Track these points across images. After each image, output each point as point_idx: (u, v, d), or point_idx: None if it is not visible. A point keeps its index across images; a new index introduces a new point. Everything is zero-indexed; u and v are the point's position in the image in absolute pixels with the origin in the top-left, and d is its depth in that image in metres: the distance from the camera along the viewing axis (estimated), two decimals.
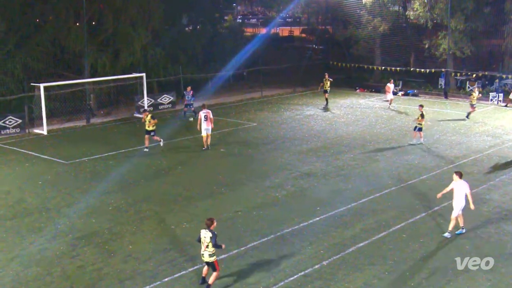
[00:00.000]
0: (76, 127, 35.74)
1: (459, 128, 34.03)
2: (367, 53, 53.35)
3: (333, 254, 16.87)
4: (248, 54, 50.80)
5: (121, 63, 40.53)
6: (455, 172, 18.35)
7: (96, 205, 21.20)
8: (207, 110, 28.96)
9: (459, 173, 18.32)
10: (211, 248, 14.47)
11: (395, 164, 26.58)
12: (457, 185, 18.08)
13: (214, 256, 14.59)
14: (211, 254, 14.53)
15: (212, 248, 14.49)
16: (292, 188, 23.03)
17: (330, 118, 37.59)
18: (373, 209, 20.66)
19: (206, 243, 14.49)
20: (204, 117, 28.65)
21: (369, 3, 50.53)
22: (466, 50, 45.98)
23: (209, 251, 14.50)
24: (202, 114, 28.71)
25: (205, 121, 28.70)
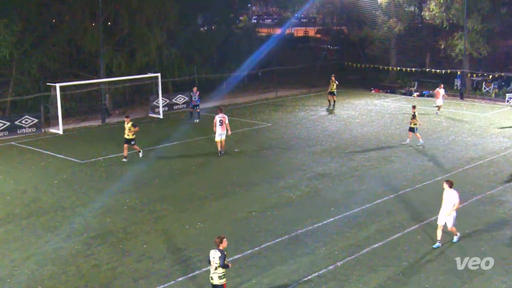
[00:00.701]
0: (92, 126, 35.94)
1: (474, 130, 33.81)
2: (382, 53, 53.18)
3: (347, 255, 16.82)
4: (263, 55, 50.83)
5: (136, 63, 40.67)
6: (445, 181, 17.44)
7: (111, 205, 21.30)
8: (223, 115, 28.03)
9: (449, 182, 17.40)
10: (220, 269, 13.32)
11: (410, 165, 26.46)
12: (448, 194, 17.25)
13: (224, 279, 13.42)
14: (220, 276, 13.35)
15: (222, 270, 13.33)
16: (306, 189, 23.00)
17: (344, 118, 37.50)
18: (388, 210, 20.58)
19: (215, 264, 13.30)
20: (219, 122, 27.83)
21: (385, 3, 50.35)
22: (483, 51, 45.65)
23: (219, 273, 13.34)
24: (218, 119, 27.88)
25: (220, 125, 27.86)
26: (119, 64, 39.67)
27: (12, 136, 32.49)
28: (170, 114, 39.55)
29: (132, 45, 41.19)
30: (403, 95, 47.93)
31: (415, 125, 29.97)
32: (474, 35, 45.43)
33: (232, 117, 37.75)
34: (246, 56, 49.34)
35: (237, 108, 41.91)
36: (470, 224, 19.20)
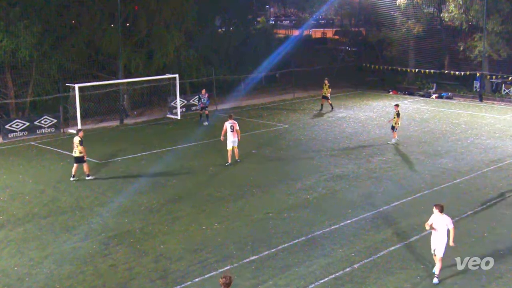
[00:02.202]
0: (110, 127, 36.15)
1: (494, 132, 33.53)
2: (400, 55, 52.95)
3: (364, 257, 16.76)
4: (280, 56, 50.80)
5: (154, 64, 40.82)
6: (434, 205, 15.38)
7: (129, 205, 21.41)
8: (233, 121, 26.74)
9: (439, 206, 15.35)
10: None
11: (428, 167, 26.30)
12: (438, 220, 15.32)
13: None
14: None
15: None
16: (323, 191, 22.95)
17: (362, 120, 37.37)
18: (406, 212, 20.48)
19: None
20: (230, 128, 26.53)
21: (403, 4, 50.11)
22: (502, 53, 45.30)
23: None
24: (228, 125, 26.55)
25: (231, 132, 26.55)
26: (137, 65, 39.82)
27: (31, 136, 32.80)
28: (187, 115, 39.67)
29: (150, 46, 41.36)
30: (421, 97, 47.71)
31: (396, 124, 30.43)
32: (494, 37, 45.09)
33: (250, 118, 37.87)
34: (263, 58, 49.33)
35: (255, 109, 41.93)
36: (489, 227, 19.05)
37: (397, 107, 30.96)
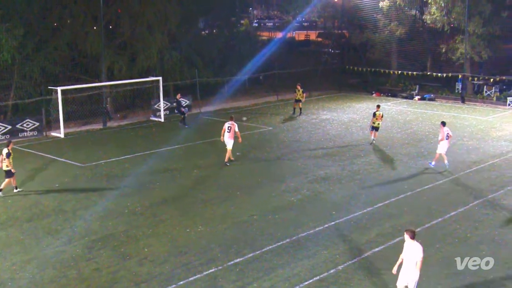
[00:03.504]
0: (93, 130, 35.96)
1: (476, 133, 33.80)
2: (383, 57, 53.22)
3: (348, 258, 16.81)
4: (264, 58, 50.84)
5: (137, 66, 40.72)
6: (406, 231, 13.94)
7: (112, 208, 21.30)
8: (232, 122, 27.27)
9: (410, 231, 13.79)
10: None
11: (411, 168, 26.46)
12: (409, 247, 13.75)
13: None
14: None
15: None
16: (307, 192, 23.00)
17: (346, 122, 37.51)
18: (389, 213, 20.57)
19: None
20: (227, 128, 27.13)
21: (386, 7, 50.35)
22: (484, 55, 45.70)
23: None
24: (226, 125, 27.23)
25: (228, 132, 27.08)
26: (121, 67, 39.71)
27: (13, 139, 32.41)
28: (171, 117, 39.57)
29: (133, 49, 41.25)
30: (404, 99, 47.96)
31: (374, 124, 30.91)
32: (475, 39, 45.48)
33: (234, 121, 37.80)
34: (247, 60, 49.36)
35: (238, 111, 41.92)
36: (472, 227, 19.20)
37: (378, 108, 31.49)
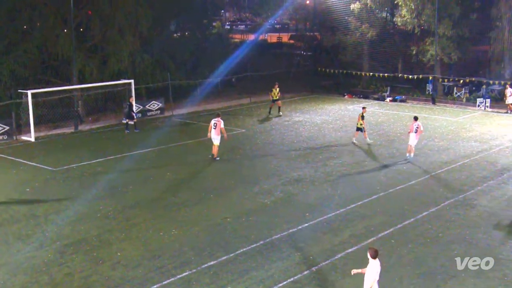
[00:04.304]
0: (64, 133, 35.59)
1: (446, 134, 34.19)
2: (355, 59, 53.55)
3: (322, 260, 16.87)
4: (236, 61, 50.84)
5: (109, 69, 40.44)
6: (369, 249, 13.35)
7: (85, 212, 21.11)
8: (218, 119, 28.09)
9: (372, 250, 13.17)
10: None
11: (383, 169, 26.67)
12: (369, 266, 13.23)
13: None
14: None
15: None
16: (281, 194, 23.04)
17: (318, 124, 37.67)
18: (362, 214, 20.70)
19: None
20: (213, 125, 27.94)
21: (357, 9, 50.70)
22: (453, 56, 46.26)
23: None
24: (212, 122, 28.12)
25: (214, 129, 27.89)
26: (92, 70, 39.40)
27: None
28: (143, 120, 39.34)
29: (104, 52, 40.95)
30: (376, 100, 48.32)
31: (361, 126, 31.22)
32: (445, 41, 46.02)
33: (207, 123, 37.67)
34: (220, 62, 49.33)
35: (211, 114, 41.75)
36: (443, 227, 19.41)
37: (364, 110, 31.80)
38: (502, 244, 18.06)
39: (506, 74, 44.87)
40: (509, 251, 17.45)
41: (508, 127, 36.20)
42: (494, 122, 38.06)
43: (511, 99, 41.02)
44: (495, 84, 45.20)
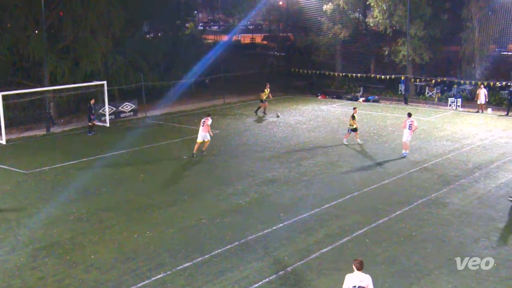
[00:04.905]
0: (36, 136, 35.17)
1: (419, 134, 34.47)
2: (328, 59, 53.77)
3: (297, 260, 16.91)
4: (210, 61, 50.73)
5: (81, 71, 40.05)
6: (354, 261, 12.65)
7: (57, 215, 20.89)
8: (206, 118, 29.53)
9: (358, 262, 12.52)
10: None
11: (357, 169, 26.83)
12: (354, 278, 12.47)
13: None
14: None
15: None
16: (255, 195, 23.05)
17: (292, 124, 37.76)
18: (336, 214, 20.80)
19: None
20: (202, 123, 29.34)
21: (330, 10, 50.94)
22: (425, 57, 46.73)
23: None
24: (202, 121, 29.53)
25: (202, 126, 29.25)
26: (64, 72, 39.00)
27: None
28: (117, 122, 39.07)
29: (76, 53, 40.55)
30: (349, 101, 48.55)
31: (351, 126, 31.44)
32: (417, 41, 46.45)
33: (180, 125, 37.73)
34: (193, 63, 49.15)
35: (185, 115, 41.74)
36: (416, 225, 19.58)
37: (355, 110, 31.95)
38: (474, 242, 18.28)
39: (477, 74, 45.43)
40: (481, 249, 17.69)
41: (479, 126, 36.70)
42: (465, 122, 38.53)
43: (483, 99, 41.56)
44: (466, 84, 45.75)
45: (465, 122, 38.29)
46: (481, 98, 41.57)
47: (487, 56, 45.74)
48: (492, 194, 22.93)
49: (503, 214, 20.69)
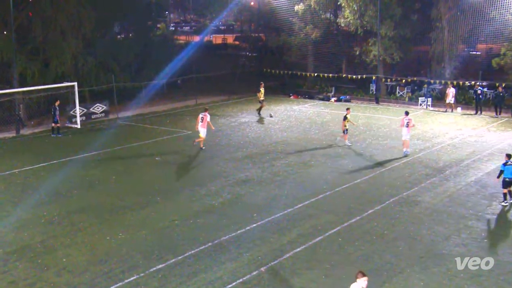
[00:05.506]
0: (5, 138, 34.68)
1: (390, 133, 34.80)
2: (300, 60, 53.95)
3: (270, 260, 16.94)
4: (181, 62, 50.52)
5: (51, 72, 39.62)
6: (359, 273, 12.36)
7: (28, 218, 20.64)
8: (204, 113, 30.57)
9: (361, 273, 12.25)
10: None
11: (329, 169, 26.97)
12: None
13: None
14: None
15: None
16: (228, 196, 23.04)
17: (264, 124, 37.82)
18: (309, 214, 20.89)
19: None
20: (200, 119, 30.43)
21: (301, 10, 51.10)
22: (396, 56, 47.13)
23: None
24: (200, 116, 30.60)
25: (200, 122, 30.36)
26: (33, 73, 38.56)
27: None
28: (88, 123, 38.73)
29: (46, 54, 40.11)
30: (321, 101, 48.75)
31: (345, 127, 31.34)
32: (387, 41, 46.85)
33: (152, 126, 37.54)
34: (165, 64, 48.89)
35: (157, 116, 41.55)
36: (388, 224, 19.76)
37: (348, 111, 31.82)
38: (445, 239, 18.51)
39: (447, 74, 45.95)
40: (452, 246, 17.92)
41: (449, 125, 37.16)
42: (435, 121, 38.96)
43: (452, 99, 42.09)
44: (436, 84, 46.26)
45: (435, 121, 38.73)
46: (450, 98, 42.11)
47: (456, 55, 46.30)
48: (463, 192, 23.24)
49: (473, 211, 20.98)
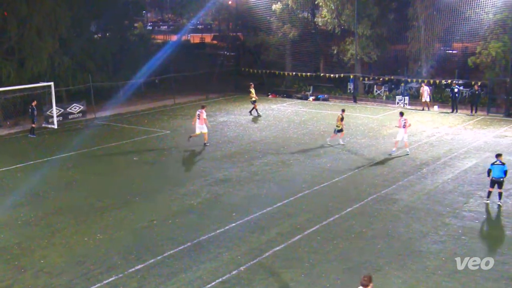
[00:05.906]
0: None
1: (368, 132, 34.99)
2: (278, 59, 53.98)
3: (250, 259, 16.95)
4: (159, 61, 50.27)
5: (27, 72, 39.22)
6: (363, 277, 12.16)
7: (4, 220, 20.43)
8: (201, 110, 31.02)
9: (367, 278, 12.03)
10: None
11: (308, 168, 27.04)
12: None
13: None
14: None
15: None
16: (207, 195, 23.00)
17: (243, 124, 37.81)
18: (288, 213, 20.92)
19: None
20: (197, 116, 30.95)
21: (279, 10, 51.18)
22: (373, 55, 47.41)
23: None
24: (197, 113, 31.12)
25: (198, 119, 30.88)
26: (9, 73, 38.14)
27: None
28: (65, 123, 38.42)
29: (22, 54, 39.70)
30: (299, 100, 48.89)
31: (338, 127, 31.23)
32: (365, 40, 47.09)
33: (130, 125, 37.35)
34: (142, 63, 48.66)
35: (135, 116, 41.35)
36: (367, 222, 19.86)
37: (343, 112, 31.68)
38: (423, 237, 18.65)
39: (423, 72, 46.36)
40: (429, 244, 18.06)
41: (426, 124, 37.46)
42: (413, 119, 39.10)
43: (427, 97, 42.46)
44: (413, 82, 46.57)
45: (412, 120, 38.79)
46: (425, 96, 42.50)
47: (433, 54, 46.70)
48: (440, 190, 23.43)
49: (450, 209, 21.16)
